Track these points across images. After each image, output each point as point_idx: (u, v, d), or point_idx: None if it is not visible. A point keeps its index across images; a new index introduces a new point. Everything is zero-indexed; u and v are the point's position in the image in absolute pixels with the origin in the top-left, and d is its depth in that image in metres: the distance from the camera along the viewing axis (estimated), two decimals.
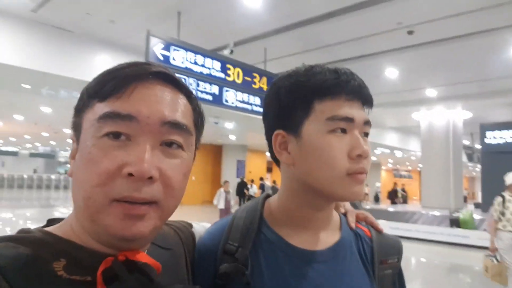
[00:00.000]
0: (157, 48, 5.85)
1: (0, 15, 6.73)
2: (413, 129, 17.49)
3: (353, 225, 0.88)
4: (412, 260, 9.19)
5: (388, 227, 11.55)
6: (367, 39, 7.66)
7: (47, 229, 0.62)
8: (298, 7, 6.50)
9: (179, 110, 0.62)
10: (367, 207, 14.42)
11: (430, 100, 12.44)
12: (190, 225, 0.88)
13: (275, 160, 0.84)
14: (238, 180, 18.80)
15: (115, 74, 0.60)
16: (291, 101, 0.77)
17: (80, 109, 0.61)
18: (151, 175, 0.55)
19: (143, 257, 0.60)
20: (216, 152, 22.48)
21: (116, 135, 0.57)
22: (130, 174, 0.55)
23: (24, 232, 0.59)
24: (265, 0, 6.27)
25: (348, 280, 0.79)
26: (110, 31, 7.61)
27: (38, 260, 0.54)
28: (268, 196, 0.89)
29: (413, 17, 6.69)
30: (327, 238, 0.82)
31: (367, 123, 0.78)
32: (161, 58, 5.91)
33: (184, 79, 6.18)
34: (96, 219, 0.56)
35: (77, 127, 0.62)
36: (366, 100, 0.79)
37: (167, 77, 0.63)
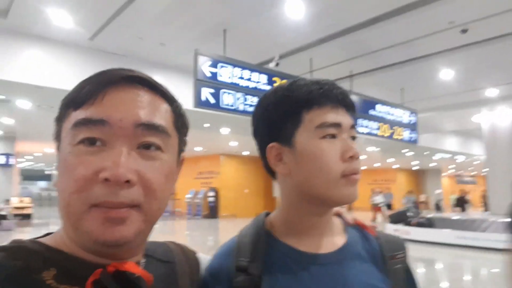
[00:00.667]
0: (205, 66, 6.03)
1: (61, 45, 7.32)
2: (475, 132, 16.48)
3: (351, 221, 0.91)
4: (482, 271, 8.55)
5: (453, 236, 10.88)
6: (417, 41, 7.38)
7: (39, 239, 0.62)
8: (342, 15, 6.42)
9: (154, 112, 0.61)
10: (429, 215, 13.68)
11: (491, 100, 11.67)
12: (194, 252, 0.88)
13: (271, 173, 0.88)
14: None
15: (89, 82, 0.60)
16: (280, 114, 0.81)
17: (59, 119, 0.62)
18: (128, 178, 0.54)
19: (132, 267, 0.59)
20: None
21: (91, 141, 0.56)
22: (107, 179, 0.54)
23: (16, 242, 0.59)
24: (308, 10, 6.26)
25: (363, 278, 0.80)
26: (161, 54, 7.98)
27: (27, 270, 0.54)
28: (268, 213, 0.92)
29: (466, 15, 6.36)
30: (334, 241, 0.85)
31: (353, 127, 0.82)
32: (209, 75, 6.08)
33: (232, 94, 6.30)
34: (78, 227, 0.56)
35: (57, 137, 0.62)
36: (349, 106, 0.83)
37: (142, 81, 0.62)
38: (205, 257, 0.88)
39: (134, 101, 0.60)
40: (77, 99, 0.59)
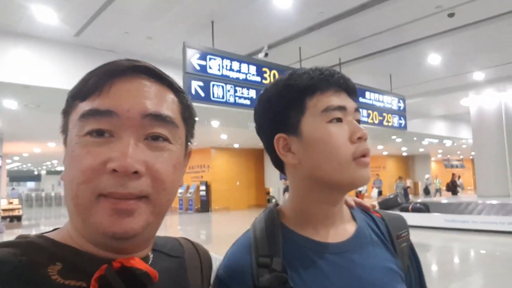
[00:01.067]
0: (193, 59, 5.99)
1: (46, 42, 7.18)
2: (463, 116, 16.68)
3: (352, 203, 0.92)
4: (471, 252, 8.73)
5: (442, 220, 11.05)
6: (405, 27, 7.41)
7: (46, 234, 0.61)
8: (329, 2, 6.41)
9: (162, 102, 0.61)
10: (419, 200, 13.87)
11: (478, 84, 11.80)
12: (207, 250, 0.86)
13: (279, 166, 0.88)
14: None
15: (95, 73, 0.60)
16: (284, 104, 0.81)
17: (66, 112, 0.61)
18: (136, 169, 0.54)
19: (138, 263, 0.58)
20: (258, 156, 22.58)
21: (99, 133, 0.56)
22: (114, 170, 0.53)
23: (22, 237, 0.59)
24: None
25: (378, 262, 0.81)
26: (149, 48, 7.89)
27: (32, 265, 0.54)
28: (277, 204, 0.91)
29: None
30: (346, 229, 0.85)
31: (357, 110, 0.82)
32: (198, 67, 6.04)
33: (222, 86, 6.28)
34: (85, 218, 0.55)
35: (64, 130, 0.62)
36: (351, 90, 0.83)
37: (148, 71, 0.62)
38: (216, 256, 0.85)
39: (141, 92, 0.59)
40: (83, 90, 0.58)
